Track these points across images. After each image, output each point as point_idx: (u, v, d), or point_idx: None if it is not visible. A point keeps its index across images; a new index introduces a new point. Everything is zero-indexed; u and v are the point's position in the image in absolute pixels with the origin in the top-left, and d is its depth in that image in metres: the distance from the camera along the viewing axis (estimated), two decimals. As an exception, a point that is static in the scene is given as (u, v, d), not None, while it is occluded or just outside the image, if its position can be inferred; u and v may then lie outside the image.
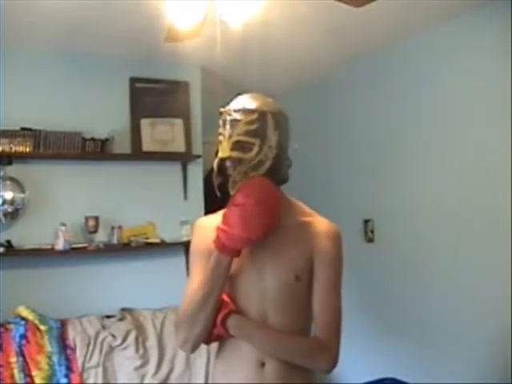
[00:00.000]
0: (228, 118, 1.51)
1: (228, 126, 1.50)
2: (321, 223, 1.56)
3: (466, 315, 3.00)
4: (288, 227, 1.52)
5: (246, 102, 1.53)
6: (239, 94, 1.58)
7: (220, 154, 1.52)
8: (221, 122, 1.54)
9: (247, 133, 1.49)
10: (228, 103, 1.57)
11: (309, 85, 4.31)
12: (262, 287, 1.50)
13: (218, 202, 1.66)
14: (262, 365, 1.48)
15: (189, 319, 1.47)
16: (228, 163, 1.52)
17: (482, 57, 2.91)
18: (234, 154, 1.50)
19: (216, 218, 1.57)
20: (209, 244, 1.50)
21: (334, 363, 1.48)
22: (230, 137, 1.49)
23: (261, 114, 1.50)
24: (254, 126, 1.49)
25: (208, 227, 1.55)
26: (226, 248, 1.44)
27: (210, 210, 1.80)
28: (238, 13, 2.02)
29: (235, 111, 1.50)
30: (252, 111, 1.50)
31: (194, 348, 1.51)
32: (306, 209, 1.61)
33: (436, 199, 3.22)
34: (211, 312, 1.45)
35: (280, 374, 1.49)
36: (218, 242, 1.45)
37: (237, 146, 1.49)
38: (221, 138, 1.53)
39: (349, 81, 3.96)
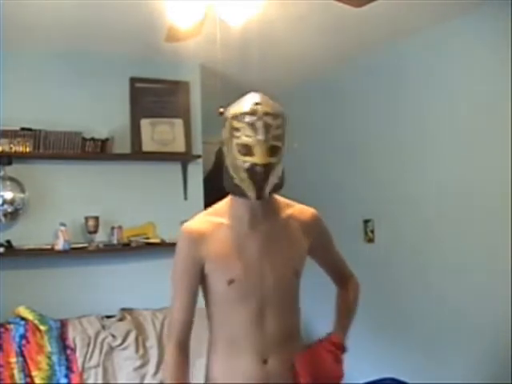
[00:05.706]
0: (259, 121, 1.42)
1: (262, 130, 1.42)
2: (303, 213, 1.61)
3: (467, 315, 3.00)
4: (277, 224, 1.55)
5: (272, 105, 1.47)
6: (247, 93, 1.53)
7: (256, 160, 1.42)
8: (245, 124, 1.43)
9: (277, 138, 1.45)
10: (229, 102, 1.53)
11: (308, 84, 4.30)
12: (262, 287, 1.51)
13: (218, 201, 1.65)
14: (265, 362, 1.49)
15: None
16: (260, 169, 1.43)
17: (482, 55, 2.91)
18: (272, 159, 1.44)
19: (206, 220, 1.55)
20: (196, 256, 1.51)
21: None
22: (266, 141, 1.42)
23: (283, 118, 1.48)
24: (280, 131, 1.46)
25: (197, 235, 1.54)
26: None
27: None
28: (238, 12, 2.01)
29: (266, 114, 1.43)
30: (278, 115, 1.46)
31: None
32: (285, 200, 1.63)
33: (436, 199, 3.22)
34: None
35: (282, 370, 1.51)
36: None
37: (271, 151, 1.44)
38: (248, 140, 1.42)
39: (347, 80, 3.95)
